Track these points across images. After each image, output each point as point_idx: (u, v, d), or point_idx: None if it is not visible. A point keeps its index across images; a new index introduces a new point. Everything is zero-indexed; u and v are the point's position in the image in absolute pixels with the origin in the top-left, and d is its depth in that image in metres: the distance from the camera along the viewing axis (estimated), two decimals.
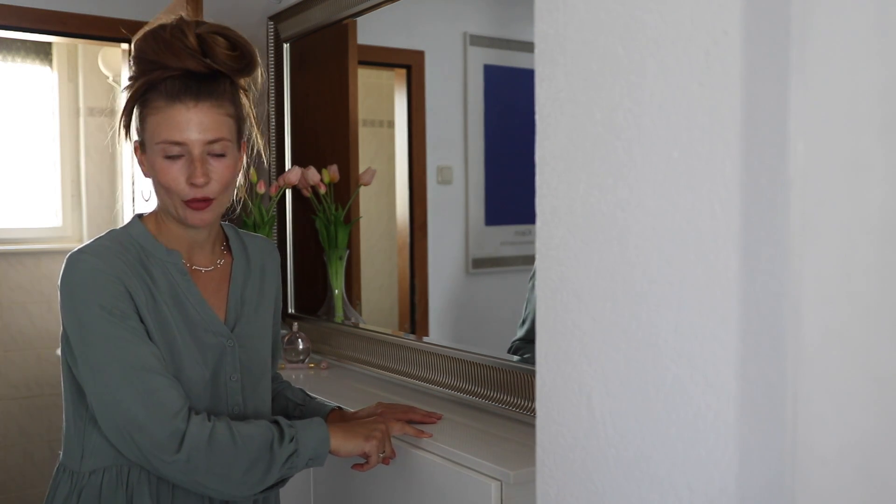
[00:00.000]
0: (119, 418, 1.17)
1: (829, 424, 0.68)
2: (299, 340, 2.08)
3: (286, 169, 2.37)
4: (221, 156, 1.23)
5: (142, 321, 1.21)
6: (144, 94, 1.23)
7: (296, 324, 2.14)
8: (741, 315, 0.69)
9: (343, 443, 1.26)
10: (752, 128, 0.68)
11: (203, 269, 1.32)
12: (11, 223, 3.60)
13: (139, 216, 1.32)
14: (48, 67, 3.66)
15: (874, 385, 0.66)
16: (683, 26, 0.72)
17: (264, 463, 1.19)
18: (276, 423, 1.24)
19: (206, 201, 1.23)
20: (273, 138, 2.47)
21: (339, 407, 1.49)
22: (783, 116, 0.69)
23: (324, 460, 1.25)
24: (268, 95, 2.46)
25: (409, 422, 1.45)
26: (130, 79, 1.26)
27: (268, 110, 2.47)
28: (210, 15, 2.50)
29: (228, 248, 1.38)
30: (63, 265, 1.22)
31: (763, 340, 0.69)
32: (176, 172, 1.21)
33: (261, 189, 2.20)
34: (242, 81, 1.29)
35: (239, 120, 1.27)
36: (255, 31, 2.55)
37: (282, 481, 1.25)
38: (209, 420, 1.19)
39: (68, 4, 2.65)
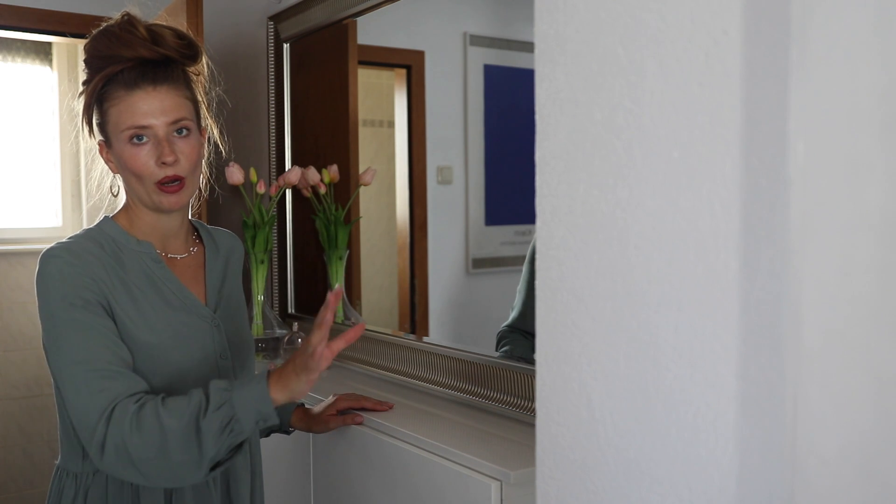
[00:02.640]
0: (74, 418, 1.17)
1: (829, 424, 0.68)
2: (299, 340, 2.08)
3: (286, 169, 2.37)
4: (186, 136, 1.28)
5: (112, 315, 1.22)
6: (102, 90, 1.27)
7: (296, 324, 2.14)
8: (741, 315, 0.69)
9: (288, 391, 1.15)
10: (752, 128, 0.68)
11: (178, 257, 1.37)
12: (11, 223, 3.60)
13: (108, 216, 1.34)
14: (48, 67, 3.66)
15: (874, 385, 0.66)
16: (683, 26, 0.72)
17: (193, 437, 1.12)
18: (205, 393, 1.16)
19: (179, 181, 1.27)
20: (273, 138, 2.46)
21: (302, 404, 1.56)
22: (783, 116, 0.69)
23: (277, 418, 1.16)
24: (268, 95, 2.46)
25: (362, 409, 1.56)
26: (85, 82, 1.30)
27: (268, 110, 2.47)
28: (210, 15, 2.51)
29: (199, 237, 1.43)
30: (39, 261, 1.24)
31: (763, 340, 0.69)
32: (145, 156, 1.25)
33: (261, 189, 2.20)
34: (193, 69, 1.35)
35: (195, 103, 1.33)
36: (255, 31, 2.55)
37: (237, 450, 1.19)
38: (137, 402, 1.14)
39: (68, 4, 2.66)
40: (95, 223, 1.32)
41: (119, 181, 1.34)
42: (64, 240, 1.26)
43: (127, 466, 1.13)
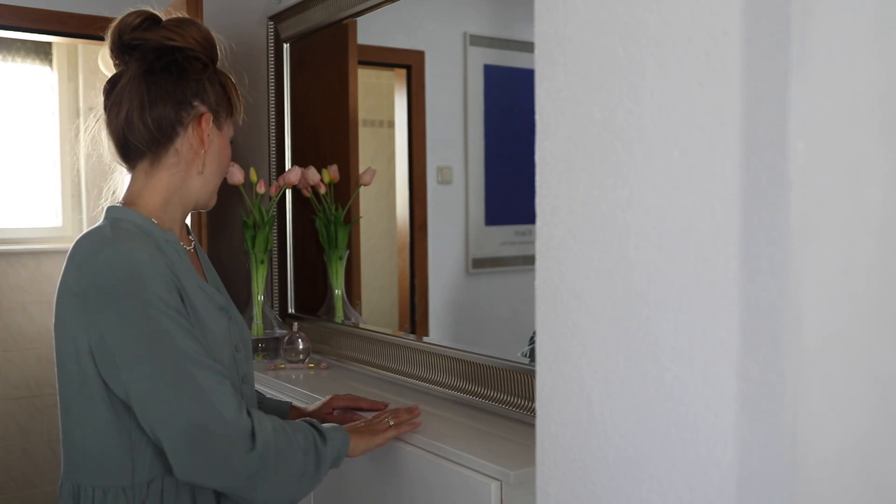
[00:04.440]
0: (185, 430, 1.10)
1: (829, 424, 0.68)
2: (299, 340, 2.08)
3: (286, 169, 2.37)
4: None
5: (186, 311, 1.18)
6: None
7: (296, 324, 2.14)
8: (741, 315, 0.69)
9: (356, 443, 1.31)
10: (752, 128, 0.68)
11: (189, 248, 1.35)
12: (11, 223, 3.60)
13: (118, 206, 1.26)
14: (48, 67, 3.66)
15: (874, 385, 0.66)
16: (683, 26, 0.72)
17: (313, 460, 1.20)
18: (309, 423, 1.26)
19: None
20: (273, 138, 2.46)
21: (292, 405, 1.58)
22: (783, 116, 0.69)
23: (341, 463, 1.29)
24: (268, 95, 2.46)
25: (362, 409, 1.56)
26: (213, 63, 1.33)
27: (268, 110, 2.47)
28: (210, 15, 2.50)
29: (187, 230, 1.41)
30: (94, 259, 1.15)
31: (763, 340, 0.69)
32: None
33: (261, 189, 2.20)
34: None
35: None
36: (255, 31, 2.55)
37: None
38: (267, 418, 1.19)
39: (68, 4, 2.66)
40: (112, 217, 1.24)
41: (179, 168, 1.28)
42: (113, 233, 1.18)
43: (263, 473, 1.14)
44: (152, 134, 1.25)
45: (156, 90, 1.25)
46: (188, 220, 1.39)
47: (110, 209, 1.26)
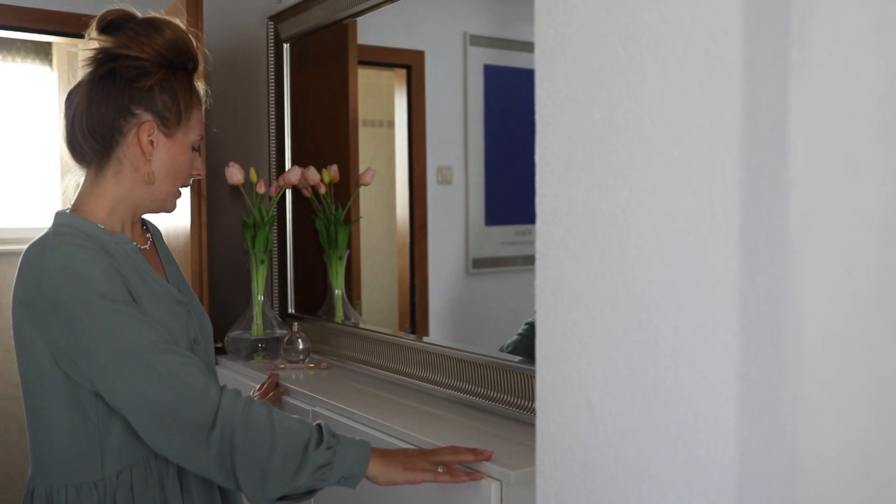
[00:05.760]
0: (149, 411, 1.13)
1: (829, 424, 0.68)
2: (299, 340, 2.08)
3: (286, 169, 2.37)
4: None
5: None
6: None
7: (296, 324, 2.14)
8: (741, 315, 0.69)
9: (382, 470, 1.20)
10: (752, 128, 0.68)
11: (143, 247, 1.34)
12: (11, 223, 3.60)
13: (65, 213, 1.27)
14: (48, 67, 3.66)
15: (874, 385, 0.66)
16: (683, 26, 0.72)
17: (296, 460, 1.14)
18: (318, 426, 1.20)
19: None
20: (273, 138, 2.47)
21: None
22: (783, 116, 0.69)
23: (357, 482, 1.20)
24: (268, 95, 2.46)
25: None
26: (173, 68, 1.28)
27: (268, 110, 2.47)
28: (210, 15, 2.50)
29: (146, 227, 1.41)
30: (35, 267, 1.17)
31: (763, 340, 0.69)
32: (192, 164, 1.32)
33: (261, 189, 2.20)
34: None
35: None
36: (255, 31, 2.55)
37: (309, 493, 1.19)
38: (244, 396, 1.18)
39: (68, 4, 2.66)
40: (57, 223, 1.25)
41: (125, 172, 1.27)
42: (55, 239, 1.19)
43: (228, 453, 1.12)
44: (91, 143, 1.26)
45: (97, 98, 1.25)
46: (192, 216, 1.39)
47: (58, 215, 1.28)
